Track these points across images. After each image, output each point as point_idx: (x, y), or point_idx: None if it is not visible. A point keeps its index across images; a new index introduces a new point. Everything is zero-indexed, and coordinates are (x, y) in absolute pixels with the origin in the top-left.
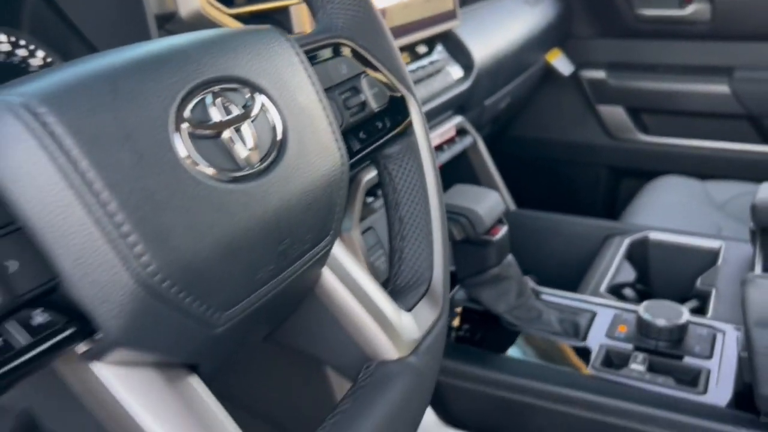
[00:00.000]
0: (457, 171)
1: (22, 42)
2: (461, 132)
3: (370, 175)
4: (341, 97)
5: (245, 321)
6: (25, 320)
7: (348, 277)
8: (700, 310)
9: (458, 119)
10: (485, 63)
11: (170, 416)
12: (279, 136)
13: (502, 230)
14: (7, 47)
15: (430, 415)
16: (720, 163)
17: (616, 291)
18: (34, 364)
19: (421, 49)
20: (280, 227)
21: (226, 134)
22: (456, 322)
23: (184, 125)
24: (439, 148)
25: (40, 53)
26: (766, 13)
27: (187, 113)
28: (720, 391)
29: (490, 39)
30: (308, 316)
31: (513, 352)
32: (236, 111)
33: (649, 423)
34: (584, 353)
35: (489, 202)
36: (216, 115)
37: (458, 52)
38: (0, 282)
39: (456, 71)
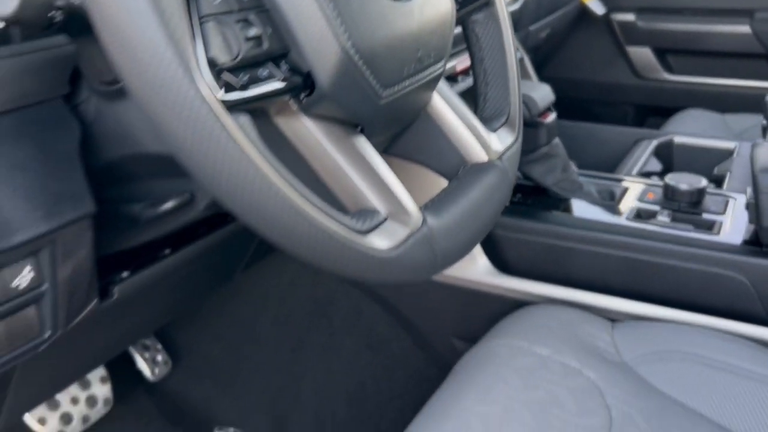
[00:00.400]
0: None
1: None
2: None
3: None
4: None
5: (390, 107)
6: (276, 66)
7: (451, 101)
8: None
9: None
10: None
11: (351, 155)
12: None
13: (552, 116)
14: None
15: (486, 265)
16: (739, 99)
17: (644, 176)
18: (277, 97)
19: None
20: (418, 40)
21: None
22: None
23: None
24: None
25: None
26: None
27: None
28: (732, 234)
29: None
30: (420, 130)
31: None
32: None
33: (671, 257)
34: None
35: (542, 91)
36: None
37: None
38: (265, 36)
39: None
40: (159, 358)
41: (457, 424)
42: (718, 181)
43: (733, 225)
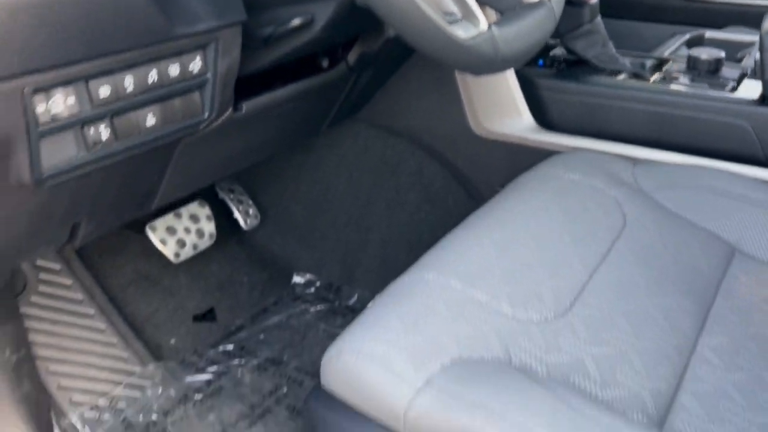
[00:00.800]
0: None
1: None
2: None
3: None
4: None
5: None
6: None
7: None
8: None
9: None
10: None
11: None
12: None
13: None
14: None
15: (530, 122)
16: None
17: None
18: None
19: None
20: None
21: None
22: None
23: None
24: None
25: None
26: None
27: None
28: (742, 93)
29: None
30: None
31: None
32: None
33: (687, 109)
34: None
35: None
36: None
37: None
38: None
39: None
40: (251, 211)
41: (501, 219)
42: (738, 61)
43: (744, 88)
